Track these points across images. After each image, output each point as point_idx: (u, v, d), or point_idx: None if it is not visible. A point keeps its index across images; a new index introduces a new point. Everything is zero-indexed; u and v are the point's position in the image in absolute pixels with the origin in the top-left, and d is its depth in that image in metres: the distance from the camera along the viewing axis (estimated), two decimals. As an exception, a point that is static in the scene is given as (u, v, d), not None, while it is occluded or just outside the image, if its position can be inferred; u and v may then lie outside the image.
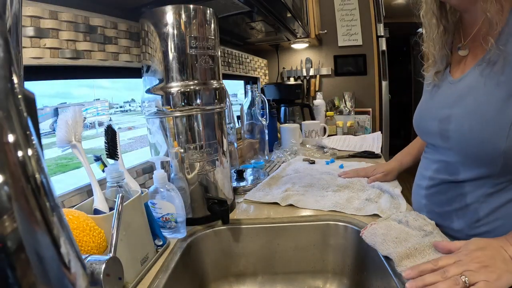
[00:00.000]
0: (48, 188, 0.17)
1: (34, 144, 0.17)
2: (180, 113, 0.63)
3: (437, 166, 0.60)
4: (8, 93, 0.16)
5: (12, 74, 0.16)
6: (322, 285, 0.71)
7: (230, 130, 0.99)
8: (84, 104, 1.00)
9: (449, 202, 0.58)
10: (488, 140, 0.48)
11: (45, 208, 0.17)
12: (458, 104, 0.54)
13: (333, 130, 1.70)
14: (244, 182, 0.94)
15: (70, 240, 0.19)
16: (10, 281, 0.15)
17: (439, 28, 0.60)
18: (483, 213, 0.53)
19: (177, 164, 0.65)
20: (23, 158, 0.16)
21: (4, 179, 0.15)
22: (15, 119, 0.16)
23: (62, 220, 0.18)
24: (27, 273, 0.15)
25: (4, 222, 0.14)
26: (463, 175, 0.55)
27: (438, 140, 0.59)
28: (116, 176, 0.50)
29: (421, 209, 0.65)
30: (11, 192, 0.15)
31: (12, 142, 0.15)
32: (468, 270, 0.40)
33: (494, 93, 0.48)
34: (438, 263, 0.43)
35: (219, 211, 0.67)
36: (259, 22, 1.08)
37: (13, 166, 0.15)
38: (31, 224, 0.16)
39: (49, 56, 0.55)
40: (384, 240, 0.54)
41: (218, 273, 0.71)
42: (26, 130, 0.16)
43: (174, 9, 0.60)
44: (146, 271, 0.53)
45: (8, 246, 0.15)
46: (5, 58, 0.16)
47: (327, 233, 0.71)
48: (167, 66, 0.62)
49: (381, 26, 1.88)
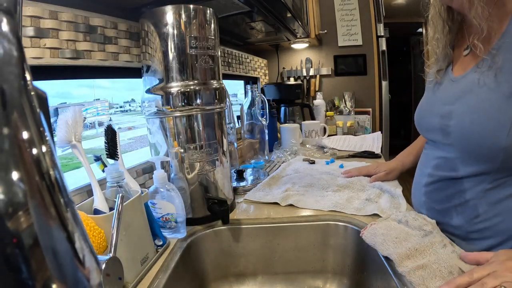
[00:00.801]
0: (62, 184, 0.17)
1: (48, 141, 0.17)
2: (180, 113, 0.63)
3: (437, 162, 0.61)
4: (21, 90, 0.16)
5: (25, 71, 0.17)
6: (322, 285, 0.71)
7: (230, 130, 0.99)
8: (84, 104, 1.00)
9: (448, 199, 0.58)
10: (489, 136, 0.49)
11: (59, 204, 0.17)
12: (460, 100, 0.55)
13: (333, 130, 1.70)
14: (244, 182, 0.94)
15: (84, 235, 0.19)
16: (26, 276, 0.15)
17: (444, 29, 0.61)
18: (482, 209, 0.53)
19: (177, 164, 0.65)
20: (37, 155, 0.16)
21: (19, 176, 0.15)
22: (29, 115, 0.16)
23: (75, 216, 0.18)
24: (42, 268, 0.16)
25: (20, 218, 0.15)
26: (463, 171, 0.55)
27: (439, 136, 0.59)
28: (116, 176, 0.50)
29: (421, 206, 0.65)
30: (26, 189, 0.15)
31: (27, 139, 0.16)
32: (507, 281, 0.39)
33: (495, 91, 0.49)
34: (473, 276, 0.42)
35: (219, 211, 0.67)
36: (259, 22, 1.08)
37: (28, 163, 0.16)
38: (46, 220, 0.16)
39: (49, 56, 0.55)
40: (384, 240, 0.54)
41: (218, 273, 0.71)
42: (39, 126, 0.17)
43: (174, 9, 0.60)
44: (146, 271, 0.53)
45: (24, 242, 0.15)
46: (18, 56, 0.16)
47: (327, 233, 0.71)
48: (167, 66, 0.62)
49: (381, 26, 1.89)
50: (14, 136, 0.15)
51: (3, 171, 0.15)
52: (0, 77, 0.15)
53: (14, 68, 0.16)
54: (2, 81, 0.15)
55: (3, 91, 0.15)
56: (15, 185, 0.15)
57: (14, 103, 0.16)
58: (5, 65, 0.16)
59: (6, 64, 0.16)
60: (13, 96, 0.16)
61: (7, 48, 0.16)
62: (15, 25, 0.17)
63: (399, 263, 0.49)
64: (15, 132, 0.15)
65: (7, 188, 0.14)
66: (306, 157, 1.21)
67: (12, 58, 0.16)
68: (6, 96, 0.15)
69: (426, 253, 0.50)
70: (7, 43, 0.16)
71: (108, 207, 0.50)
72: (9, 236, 0.14)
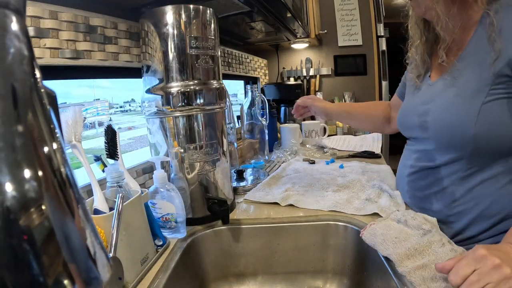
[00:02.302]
0: (73, 181, 0.18)
1: (58, 138, 0.17)
2: (180, 113, 0.63)
3: (417, 155, 0.68)
4: (32, 88, 0.16)
5: (35, 69, 0.17)
6: (322, 285, 0.71)
7: (230, 130, 0.99)
8: (84, 104, 1.00)
9: (429, 186, 0.65)
10: (459, 126, 0.57)
11: (71, 201, 0.17)
12: (435, 100, 0.63)
13: (333, 130, 1.70)
14: (244, 182, 0.94)
15: (94, 231, 0.19)
16: (38, 272, 0.15)
17: (421, 38, 0.69)
18: (459, 194, 0.60)
19: (177, 164, 0.65)
20: (49, 152, 0.16)
21: (32, 173, 0.15)
22: (40, 113, 0.16)
23: (86, 212, 0.18)
24: (54, 263, 0.16)
25: (32, 214, 0.15)
26: (439, 160, 0.62)
27: (418, 132, 0.67)
28: (116, 176, 0.50)
29: (404, 194, 0.73)
30: (39, 186, 0.15)
31: (38, 136, 0.16)
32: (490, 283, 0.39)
33: (461, 94, 0.58)
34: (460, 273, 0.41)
35: (219, 211, 0.67)
36: (259, 22, 1.08)
37: (40, 160, 0.16)
38: (59, 217, 0.16)
39: (49, 56, 0.55)
40: (384, 240, 0.54)
41: (218, 273, 0.71)
42: (50, 123, 0.17)
43: (174, 9, 0.60)
44: (146, 271, 0.53)
45: (36, 238, 0.15)
46: (29, 55, 0.17)
47: (327, 233, 0.71)
48: (167, 66, 0.62)
49: (381, 26, 1.89)
50: (26, 134, 0.15)
51: (16, 168, 0.15)
52: (12, 76, 0.15)
53: (25, 67, 0.16)
54: (14, 80, 0.15)
55: (14, 89, 0.15)
56: (28, 182, 0.15)
57: (26, 101, 0.16)
58: (16, 64, 0.16)
59: (18, 63, 0.16)
60: (24, 94, 0.16)
61: (18, 47, 0.16)
62: (24, 24, 0.17)
63: (399, 263, 0.49)
64: (27, 129, 0.15)
65: (20, 185, 0.15)
66: (306, 157, 1.21)
67: (23, 57, 0.16)
68: (18, 94, 0.15)
69: (425, 253, 0.50)
70: (18, 42, 0.16)
71: (108, 207, 0.50)
72: (22, 232, 0.15)
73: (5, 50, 0.15)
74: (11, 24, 0.16)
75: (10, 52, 0.16)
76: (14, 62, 0.16)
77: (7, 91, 0.15)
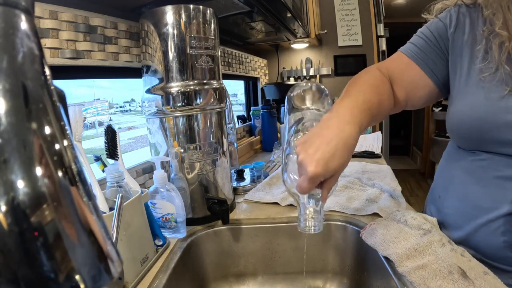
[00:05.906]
0: (83, 177, 0.18)
1: (68, 135, 0.17)
2: (180, 113, 0.63)
3: None
4: (43, 87, 0.17)
5: (45, 68, 0.17)
6: (322, 285, 0.71)
7: (230, 130, 0.99)
8: (84, 104, 1.00)
9: None
10: None
11: (82, 197, 0.17)
12: None
13: (333, 130, 1.69)
14: (244, 182, 0.94)
15: (105, 227, 0.19)
16: (49, 268, 0.15)
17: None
18: None
19: (177, 164, 0.65)
20: (60, 149, 0.16)
21: (43, 171, 0.15)
22: (51, 111, 0.17)
23: (97, 208, 0.19)
24: (67, 259, 0.16)
25: (44, 211, 0.15)
26: None
27: None
28: (116, 176, 0.50)
29: (499, 251, 0.47)
30: (50, 183, 0.15)
31: (50, 133, 0.16)
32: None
33: None
34: None
35: (219, 211, 0.67)
36: (259, 22, 1.08)
37: (51, 157, 0.16)
38: (70, 214, 0.16)
39: (49, 56, 0.55)
40: (384, 240, 0.54)
41: (218, 273, 0.71)
42: (60, 121, 0.17)
43: (174, 9, 0.60)
44: (146, 271, 0.53)
45: (48, 234, 0.15)
46: (39, 54, 0.17)
47: (327, 233, 0.71)
48: (167, 66, 0.62)
49: (381, 26, 1.89)
50: (37, 131, 0.16)
51: (28, 165, 0.15)
52: (24, 75, 0.16)
53: (36, 65, 0.16)
54: (25, 79, 0.16)
55: (26, 87, 0.15)
56: (40, 179, 0.15)
57: (37, 99, 0.16)
58: (27, 63, 0.16)
59: (29, 62, 0.16)
60: (36, 93, 0.16)
61: (29, 46, 0.16)
62: (34, 23, 0.17)
63: (399, 263, 0.49)
64: (38, 127, 0.16)
65: (32, 182, 0.15)
66: (306, 157, 1.21)
67: (34, 56, 0.16)
68: (29, 93, 0.16)
69: (425, 253, 0.50)
70: (29, 41, 0.16)
71: (108, 207, 0.50)
72: (33, 228, 0.15)
73: (16, 49, 0.16)
74: (21, 24, 0.16)
75: (21, 51, 0.16)
76: (25, 61, 0.16)
77: (19, 89, 0.15)
